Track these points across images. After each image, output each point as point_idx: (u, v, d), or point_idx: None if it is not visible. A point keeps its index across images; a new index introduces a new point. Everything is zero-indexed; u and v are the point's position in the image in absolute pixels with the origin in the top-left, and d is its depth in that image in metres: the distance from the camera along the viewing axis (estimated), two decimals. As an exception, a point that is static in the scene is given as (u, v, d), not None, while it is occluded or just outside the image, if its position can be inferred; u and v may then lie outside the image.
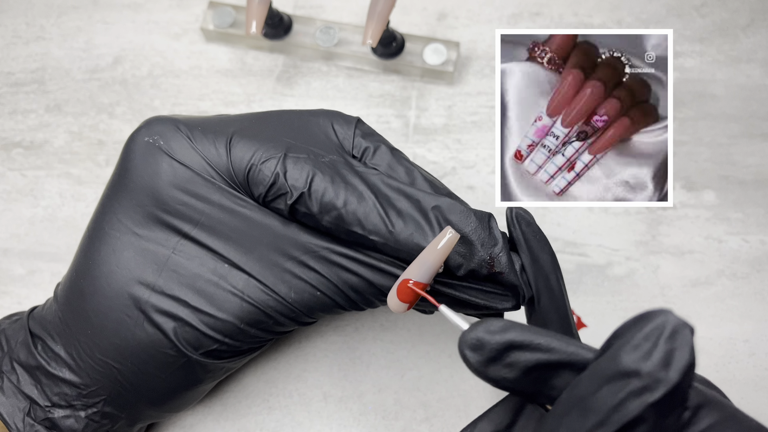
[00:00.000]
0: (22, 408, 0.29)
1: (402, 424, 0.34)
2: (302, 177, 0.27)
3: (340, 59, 0.42)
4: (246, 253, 0.28)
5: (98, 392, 0.29)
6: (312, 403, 0.35)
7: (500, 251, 0.26)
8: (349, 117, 0.31)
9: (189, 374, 0.29)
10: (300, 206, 0.27)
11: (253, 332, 0.28)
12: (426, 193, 0.27)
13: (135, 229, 0.28)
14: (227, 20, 0.42)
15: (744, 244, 0.37)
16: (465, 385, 0.35)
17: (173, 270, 0.28)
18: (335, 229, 0.27)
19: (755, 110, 0.40)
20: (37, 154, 0.41)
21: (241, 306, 0.28)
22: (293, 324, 0.29)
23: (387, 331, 0.36)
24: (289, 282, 0.28)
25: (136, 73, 0.43)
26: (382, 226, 0.26)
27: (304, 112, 0.31)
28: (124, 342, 0.28)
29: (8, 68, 0.43)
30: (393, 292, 0.26)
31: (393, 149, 0.30)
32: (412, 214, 0.27)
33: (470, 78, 0.42)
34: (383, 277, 0.27)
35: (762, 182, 0.38)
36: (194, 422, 0.35)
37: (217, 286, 0.28)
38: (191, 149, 0.28)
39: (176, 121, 0.29)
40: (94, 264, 0.29)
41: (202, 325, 0.28)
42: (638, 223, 0.38)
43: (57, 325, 0.29)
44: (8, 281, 0.38)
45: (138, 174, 0.29)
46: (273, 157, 0.27)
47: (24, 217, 0.39)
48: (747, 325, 0.36)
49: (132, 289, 0.28)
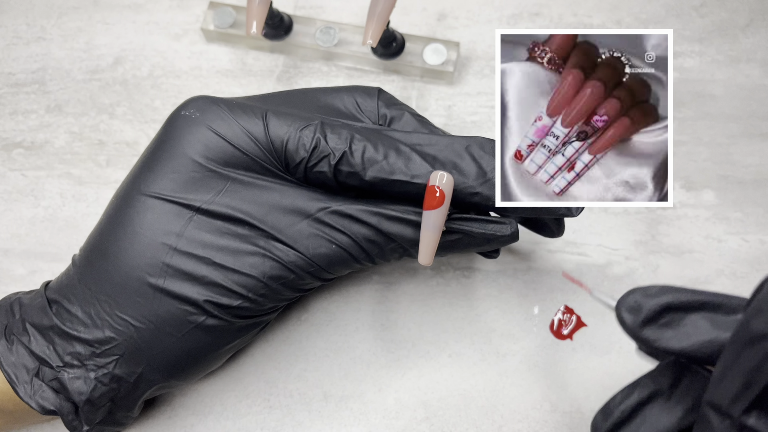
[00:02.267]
0: (30, 369, 0.29)
1: (402, 424, 0.34)
2: (342, 138, 0.29)
3: (340, 59, 0.42)
4: (267, 214, 0.30)
5: (112, 351, 0.29)
6: (312, 403, 0.35)
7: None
8: (370, 89, 0.33)
9: (207, 334, 0.29)
10: (343, 166, 0.29)
11: (276, 287, 0.30)
12: (456, 137, 0.30)
13: (161, 193, 0.29)
14: (227, 21, 0.42)
15: (743, 243, 0.37)
16: (465, 385, 0.35)
17: (196, 229, 0.29)
18: (379, 182, 0.29)
19: (754, 110, 0.40)
20: (38, 155, 0.41)
21: (263, 261, 0.29)
22: (314, 279, 0.30)
23: (387, 331, 0.36)
24: (308, 238, 0.30)
25: (136, 73, 0.43)
26: (424, 169, 0.29)
27: (326, 90, 0.33)
28: (145, 300, 0.29)
29: (9, 69, 0.43)
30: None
31: (417, 115, 0.32)
32: (448, 155, 0.29)
33: (470, 78, 0.42)
34: (394, 224, 0.29)
35: (761, 182, 0.38)
36: (194, 422, 0.35)
37: (239, 244, 0.29)
38: (231, 121, 0.30)
39: (215, 98, 0.31)
40: (118, 225, 0.30)
41: (227, 280, 0.29)
42: (638, 222, 0.38)
43: (75, 287, 0.30)
44: (9, 281, 0.38)
45: (174, 144, 0.30)
46: (311, 125, 0.29)
47: (25, 217, 0.39)
48: (746, 325, 0.36)
49: (155, 248, 0.29)
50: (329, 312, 0.37)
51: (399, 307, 0.36)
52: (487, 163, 0.29)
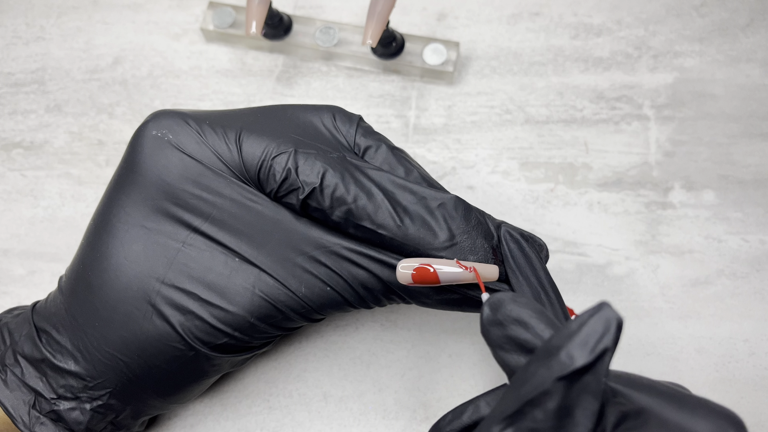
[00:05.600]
0: (27, 401, 0.29)
1: (402, 424, 0.34)
2: (314, 172, 0.28)
3: (340, 59, 0.42)
4: (257, 248, 0.28)
5: (104, 384, 0.29)
6: (312, 403, 0.35)
7: (497, 244, 0.28)
8: (352, 115, 0.31)
9: (196, 368, 0.29)
10: (311, 201, 0.28)
11: (263, 327, 0.29)
12: (431, 191, 0.28)
13: (144, 223, 0.29)
14: (227, 20, 0.42)
15: (744, 243, 0.37)
16: (465, 385, 0.35)
17: (183, 263, 0.28)
18: (344, 223, 0.28)
19: (755, 110, 0.40)
20: (37, 155, 0.41)
21: (251, 300, 0.28)
22: (303, 320, 0.29)
23: (387, 331, 0.36)
24: (300, 277, 0.28)
25: (136, 73, 0.43)
26: (391, 222, 0.27)
27: (307, 107, 0.31)
28: (132, 335, 0.28)
29: (8, 68, 0.43)
30: (408, 266, 0.27)
31: (393, 148, 0.31)
32: (418, 210, 0.28)
33: (470, 78, 0.42)
34: (393, 273, 0.28)
35: (761, 182, 0.38)
36: (194, 422, 0.35)
37: (228, 280, 0.28)
38: (201, 143, 0.29)
39: (184, 115, 0.30)
40: (102, 256, 0.29)
41: (213, 318, 0.28)
42: (638, 222, 0.38)
43: (63, 317, 0.29)
44: (8, 281, 0.38)
45: (147, 167, 0.29)
46: (284, 153, 0.28)
47: (24, 217, 0.39)
48: (747, 325, 0.36)
49: (141, 282, 0.28)
50: (329, 312, 0.36)
51: (399, 307, 0.36)
52: (456, 226, 0.28)
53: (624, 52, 0.42)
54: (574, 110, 0.41)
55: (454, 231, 0.28)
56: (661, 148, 0.39)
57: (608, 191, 0.39)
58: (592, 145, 0.40)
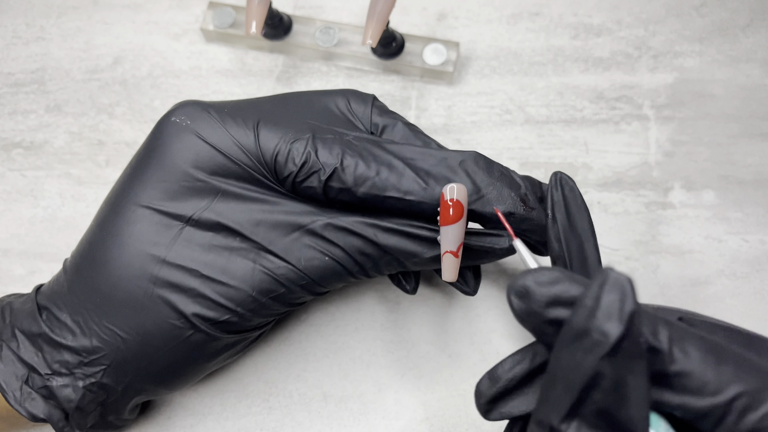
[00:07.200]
0: (20, 376, 0.29)
1: (402, 424, 0.34)
2: (333, 154, 0.28)
3: (340, 59, 0.42)
4: (258, 225, 0.29)
5: (100, 361, 0.29)
6: (312, 403, 0.35)
7: (526, 191, 0.29)
8: (366, 95, 0.32)
9: (193, 349, 0.29)
10: (334, 182, 0.28)
11: (265, 301, 0.29)
12: (450, 151, 0.29)
13: (151, 204, 0.29)
14: (227, 20, 0.42)
15: (744, 243, 0.37)
16: (465, 385, 0.35)
17: (186, 241, 0.29)
18: (371, 198, 0.28)
19: (755, 110, 0.40)
20: (37, 155, 0.41)
21: (253, 274, 0.29)
22: (305, 293, 0.30)
23: (387, 331, 0.36)
24: (300, 250, 0.29)
25: (136, 73, 0.43)
26: (416, 186, 0.28)
27: (322, 93, 0.32)
28: (132, 311, 0.28)
29: (8, 69, 0.43)
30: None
31: (409, 124, 0.32)
32: (441, 171, 0.29)
33: (470, 78, 0.42)
34: (390, 236, 0.29)
35: (762, 182, 0.38)
36: (194, 422, 0.35)
37: (228, 258, 0.29)
38: (221, 130, 0.29)
39: (205, 104, 0.31)
40: (108, 234, 0.29)
41: (215, 294, 0.28)
42: (638, 222, 0.38)
43: (64, 294, 0.30)
44: (8, 281, 0.38)
45: (162, 151, 0.30)
46: (302, 138, 0.29)
47: (24, 217, 0.39)
48: (747, 325, 0.35)
49: (144, 259, 0.28)
50: (329, 312, 0.36)
51: (399, 308, 0.36)
52: (480, 179, 0.29)
53: (624, 52, 0.42)
54: (574, 110, 0.41)
55: (479, 184, 0.28)
56: (661, 148, 0.39)
57: (608, 191, 0.39)
58: (592, 145, 0.40)
